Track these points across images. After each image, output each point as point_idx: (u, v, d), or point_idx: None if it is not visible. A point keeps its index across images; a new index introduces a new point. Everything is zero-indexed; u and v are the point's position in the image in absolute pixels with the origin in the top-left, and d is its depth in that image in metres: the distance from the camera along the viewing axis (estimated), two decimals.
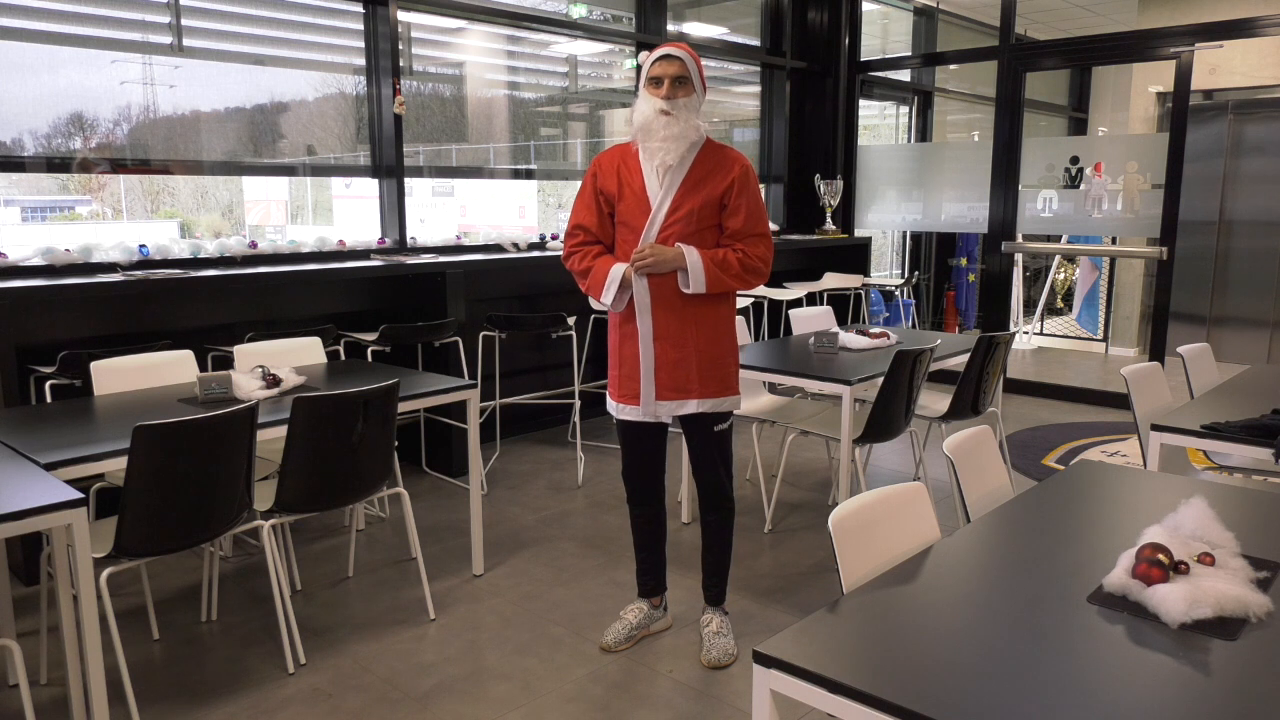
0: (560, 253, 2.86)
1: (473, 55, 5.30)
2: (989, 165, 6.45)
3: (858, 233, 7.33)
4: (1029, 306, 9.39)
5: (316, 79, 4.63)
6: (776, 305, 6.61)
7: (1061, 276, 9.91)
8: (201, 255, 4.20)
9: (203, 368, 3.59)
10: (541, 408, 5.50)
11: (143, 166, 4.17)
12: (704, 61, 6.60)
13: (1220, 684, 1.30)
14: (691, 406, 2.70)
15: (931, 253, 9.13)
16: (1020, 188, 6.41)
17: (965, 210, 6.76)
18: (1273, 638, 1.43)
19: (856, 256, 7.15)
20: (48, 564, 2.64)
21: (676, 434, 2.86)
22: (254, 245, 4.35)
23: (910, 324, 8.01)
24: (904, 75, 8.23)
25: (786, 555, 3.64)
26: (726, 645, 2.79)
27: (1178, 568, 1.58)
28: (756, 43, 7.03)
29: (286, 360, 3.51)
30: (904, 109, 8.60)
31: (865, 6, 7.26)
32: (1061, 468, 4.39)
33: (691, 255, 2.59)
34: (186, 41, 4.13)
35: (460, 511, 4.11)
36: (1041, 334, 9.20)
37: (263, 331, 4.03)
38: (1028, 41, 7.95)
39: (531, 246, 5.37)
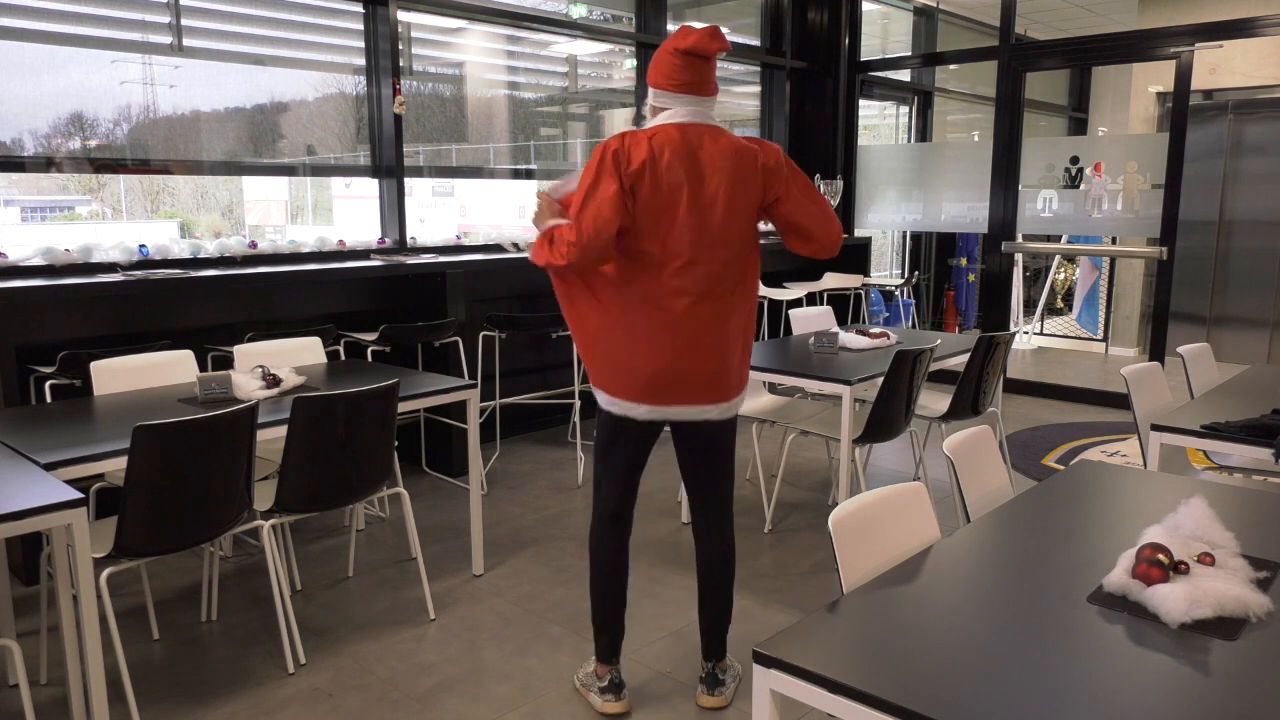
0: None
1: (473, 55, 5.30)
2: (989, 165, 6.45)
3: (858, 233, 7.33)
4: (1029, 306, 9.38)
5: (316, 79, 4.63)
6: (776, 305, 6.61)
7: (1061, 276, 9.91)
8: (201, 255, 4.20)
9: (203, 368, 3.59)
10: (541, 408, 5.50)
11: (143, 166, 4.17)
12: None
13: (1220, 684, 1.30)
14: None
15: (931, 253, 9.13)
16: (1020, 188, 6.41)
17: (965, 210, 6.76)
18: (1273, 638, 1.43)
19: (856, 256, 7.15)
20: (48, 564, 2.64)
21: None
22: (254, 245, 4.35)
23: (910, 324, 8.01)
24: (904, 75, 8.23)
25: (786, 555, 3.64)
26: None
27: (1178, 568, 1.58)
28: (756, 43, 7.03)
29: (286, 360, 3.51)
30: (904, 109, 8.60)
31: (865, 6, 7.26)
32: (1061, 468, 4.39)
33: None
34: (186, 41, 4.13)
35: (460, 511, 4.11)
36: (1041, 334, 9.20)
37: (263, 331, 4.03)
38: (1028, 41, 7.95)
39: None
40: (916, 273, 8.89)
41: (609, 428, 2.49)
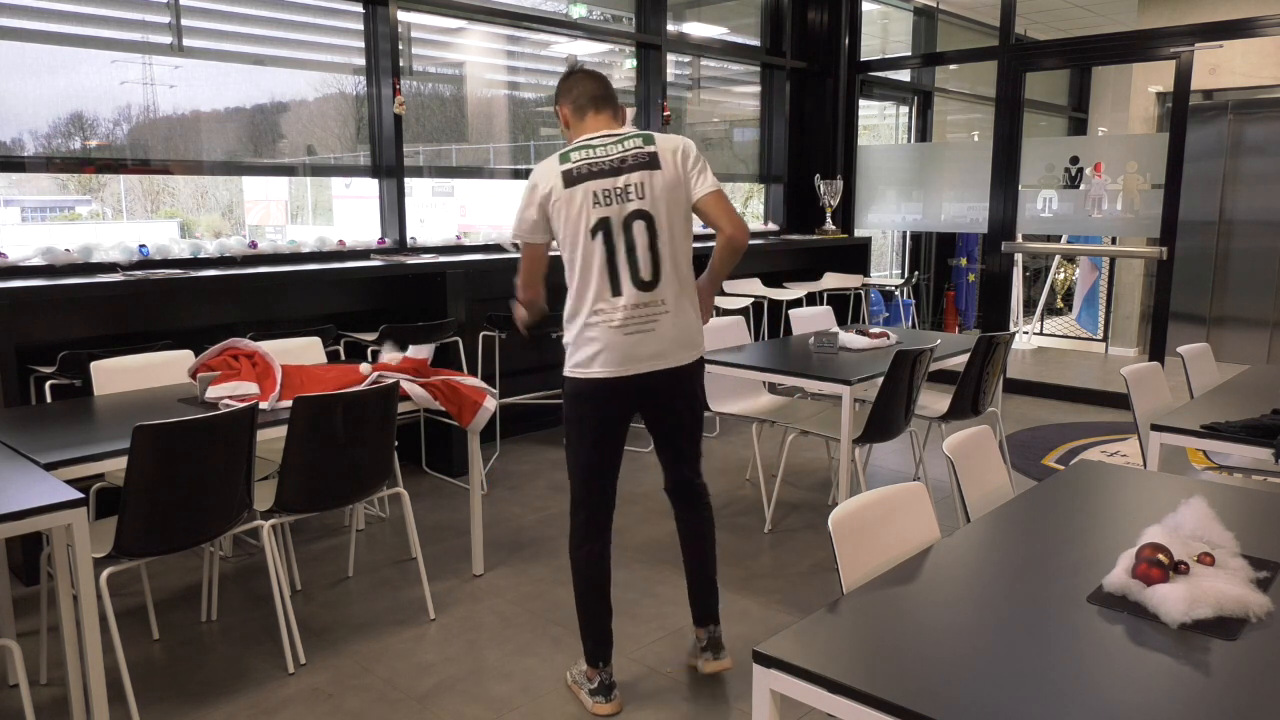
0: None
1: (473, 55, 5.30)
2: (989, 165, 6.45)
3: (858, 233, 7.33)
4: (1029, 306, 9.38)
5: (316, 79, 4.63)
6: (776, 305, 6.60)
7: (1061, 276, 9.91)
8: (201, 255, 4.20)
9: None
10: (541, 408, 5.50)
11: (143, 166, 4.17)
12: (704, 61, 6.67)
13: (1220, 684, 1.30)
14: None
15: (931, 253, 9.13)
16: (1020, 188, 6.40)
17: (965, 210, 6.76)
18: (1273, 638, 1.43)
19: (856, 256, 7.15)
20: (48, 564, 2.64)
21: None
22: (254, 245, 4.35)
23: (910, 324, 8.01)
24: (904, 75, 8.23)
25: (786, 555, 3.64)
26: None
27: (1178, 568, 1.58)
28: (756, 43, 7.03)
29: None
30: (904, 109, 8.60)
31: (865, 6, 7.26)
32: (1061, 468, 4.39)
33: None
34: (186, 41, 4.13)
35: (460, 511, 4.11)
36: (1041, 334, 9.20)
37: (263, 331, 4.03)
38: (1028, 41, 7.95)
39: None
40: (916, 273, 8.89)
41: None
